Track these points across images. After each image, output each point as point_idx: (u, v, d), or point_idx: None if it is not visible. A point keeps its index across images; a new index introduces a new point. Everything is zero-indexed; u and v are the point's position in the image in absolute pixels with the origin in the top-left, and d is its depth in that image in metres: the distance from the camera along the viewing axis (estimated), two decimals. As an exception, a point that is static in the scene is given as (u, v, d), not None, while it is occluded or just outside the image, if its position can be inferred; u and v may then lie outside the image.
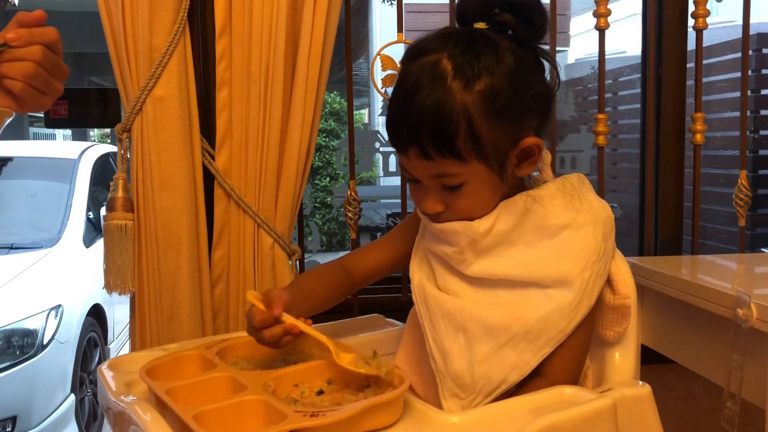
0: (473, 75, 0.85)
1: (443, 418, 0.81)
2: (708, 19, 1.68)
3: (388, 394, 0.79)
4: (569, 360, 0.91)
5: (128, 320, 4.16)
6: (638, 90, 3.19)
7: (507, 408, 0.83)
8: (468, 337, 0.89)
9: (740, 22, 1.77)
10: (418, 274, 0.97)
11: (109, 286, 1.33)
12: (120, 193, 1.33)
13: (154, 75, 1.30)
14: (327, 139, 6.88)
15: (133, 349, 1.38)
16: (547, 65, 0.94)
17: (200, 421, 0.75)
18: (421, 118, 0.86)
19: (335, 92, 7.12)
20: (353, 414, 0.74)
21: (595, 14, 1.65)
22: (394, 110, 0.90)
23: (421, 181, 0.91)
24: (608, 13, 1.64)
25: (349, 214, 1.61)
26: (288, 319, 0.88)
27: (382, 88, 1.57)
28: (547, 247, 0.90)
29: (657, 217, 1.77)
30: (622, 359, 0.99)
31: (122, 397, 0.89)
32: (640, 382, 0.94)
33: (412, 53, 0.90)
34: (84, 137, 10.74)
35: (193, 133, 1.37)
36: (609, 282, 0.94)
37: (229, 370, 0.89)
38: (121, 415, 0.87)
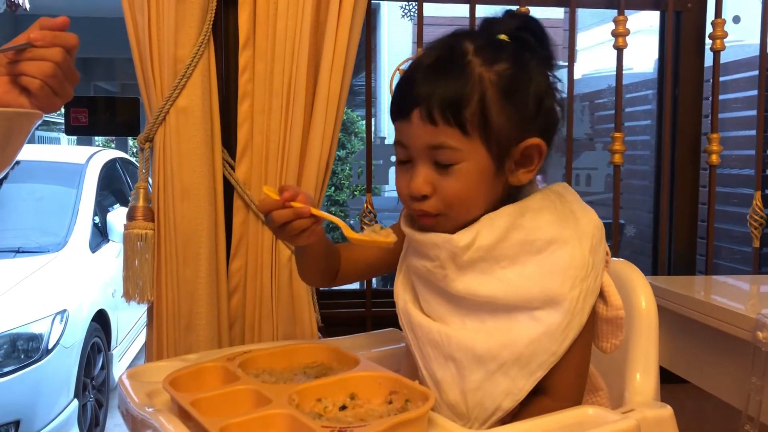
0: (493, 58, 0.86)
1: (468, 436, 0.81)
2: (721, 40, 1.69)
3: (414, 411, 0.79)
4: (571, 377, 0.89)
5: (132, 326, 4.14)
6: (647, 106, 3.20)
7: (532, 428, 0.82)
8: (458, 366, 0.88)
9: (750, 41, 1.78)
10: (402, 297, 0.96)
11: (128, 295, 1.33)
12: (141, 203, 1.34)
13: (178, 86, 1.31)
14: (333, 148, 6.86)
15: (149, 358, 1.38)
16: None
17: (227, 434, 0.76)
18: (435, 79, 0.85)
19: (341, 102, 7.13)
20: (380, 430, 0.75)
21: (614, 33, 1.66)
22: (405, 75, 0.89)
23: (413, 158, 0.88)
24: (627, 32, 1.65)
25: (365, 227, 1.61)
26: (297, 204, 0.87)
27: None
28: (533, 264, 0.87)
29: (671, 236, 1.77)
30: (643, 380, 0.99)
31: (145, 407, 0.89)
32: (662, 404, 0.94)
33: (430, 42, 0.91)
34: (89, 142, 10.76)
35: (215, 144, 1.37)
36: (602, 294, 0.91)
37: (252, 382, 0.89)
38: (143, 423, 0.87)
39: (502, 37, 0.90)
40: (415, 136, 0.87)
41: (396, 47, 6.98)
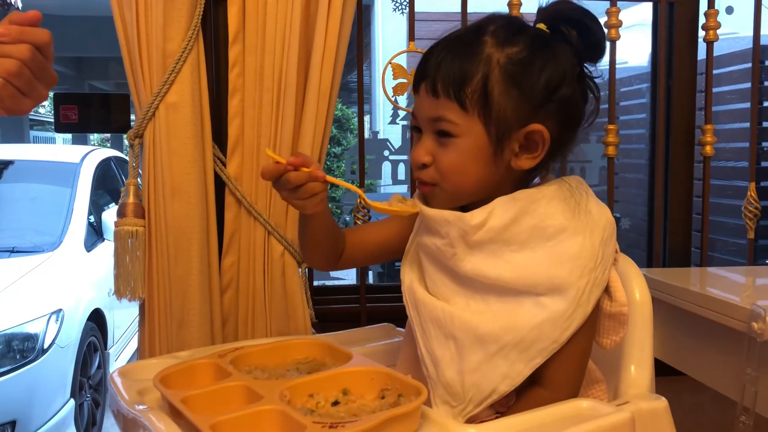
0: (508, 40, 0.87)
1: (461, 429, 0.81)
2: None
3: (406, 406, 0.78)
4: (569, 368, 0.89)
5: (128, 325, 4.12)
6: (642, 100, 3.20)
7: (525, 421, 0.82)
8: (458, 345, 0.88)
9: (744, 33, 1.78)
10: (408, 275, 0.96)
11: (119, 293, 1.32)
12: (131, 199, 1.33)
13: (167, 81, 1.29)
14: (329, 145, 6.87)
15: (141, 355, 1.37)
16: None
17: (217, 430, 0.75)
18: (446, 56, 0.88)
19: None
20: (372, 426, 0.74)
21: (606, 25, 1.66)
22: (425, 51, 0.92)
23: (421, 129, 0.91)
24: (619, 24, 1.65)
25: (359, 222, 1.60)
26: (308, 169, 0.88)
27: (393, 96, 1.56)
28: (543, 250, 0.87)
29: (666, 229, 1.77)
30: (638, 372, 0.98)
31: (136, 405, 0.88)
32: (657, 396, 0.94)
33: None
34: (84, 141, 10.74)
35: (205, 140, 1.36)
36: (607, 289, 0.91)
37: (243, 379, 0.88)
38: (133, 422, 0.86)
39: (540, 26, 0.91)
40: (422, 108, 0.91)
41: (391, 42, 6.97)
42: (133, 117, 1.42)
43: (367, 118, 8.23)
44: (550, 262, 0.87)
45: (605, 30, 1.65)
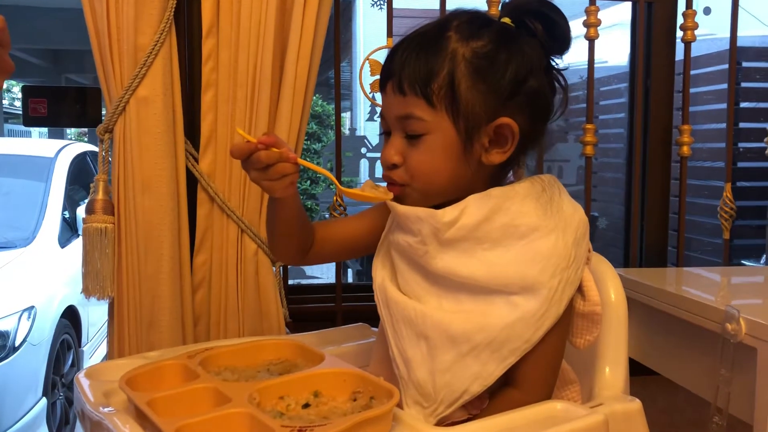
0: (473, 34, 0.87)
1: (433, 432, 0.80)
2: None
3: (378, 409, 0.77)
4: (541, 368, 0.89)
5: (103, 322, 4.07)
6: (621, 99, 3.22)
7: (497, 424, 0.81)
8: (430, 345, 0.87)
9: (720, 35, 1.79)
10: (380, 273, 0.95)
11: (88, 291, 1.30)
12: (100, 195, 1.30)
13: (138, 75, 1.27)
14: (308, 142, 6.86)
15: (110, 356, 1.35)
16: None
17: (183, 435, 0.73)
18: (409, 52, 0.88)
19: (317, 95, 7.11)
20: (343, 429, 0.72)
21: (585, 24, 1.65)
22: (390, 49, 0.92)
23: (390, 129, 0.91)
24: (598, 23, 1.65)
25: (334, 214, 1.59)
26: (282, 150, 0.85)
27: (370, 93, 1.55)
28: (516, 248, 0.87)
29: (643, 228, 1.78)
30: (612, 374, 0.98)
31: (101, 408, 0.86)
32: (630, 397, 0.93)
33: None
34: (60, 135, 10.59)
35: (177, 135, 1.33)
36: (580, 288, 0.91)
37: (212, 380, 0.87)
38: (98, 425, 0.84)
39: (505, 20, 0.90)
40: (389, 107, 0.90)
41: (372, 39, 6.94)
42: (104, 111, 1.39)
43: (348, 115, 8.21)
44: (522, 261, 0.86)
45: (584, 29, 1.65)
